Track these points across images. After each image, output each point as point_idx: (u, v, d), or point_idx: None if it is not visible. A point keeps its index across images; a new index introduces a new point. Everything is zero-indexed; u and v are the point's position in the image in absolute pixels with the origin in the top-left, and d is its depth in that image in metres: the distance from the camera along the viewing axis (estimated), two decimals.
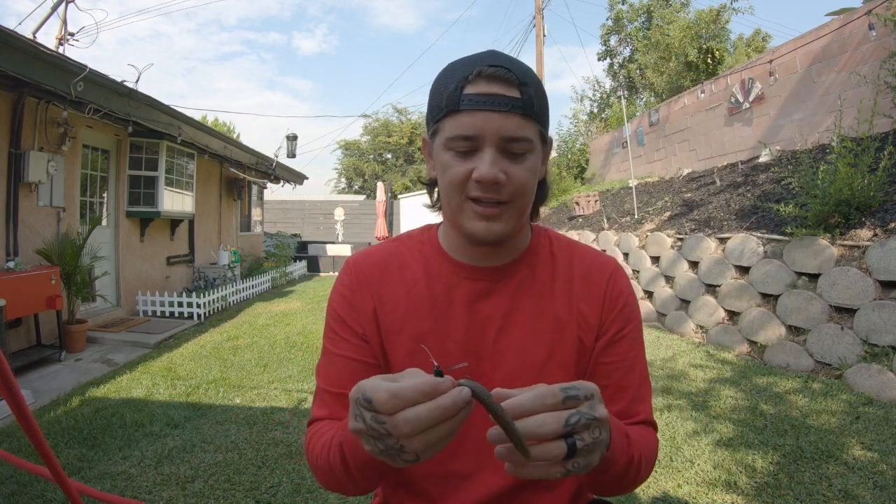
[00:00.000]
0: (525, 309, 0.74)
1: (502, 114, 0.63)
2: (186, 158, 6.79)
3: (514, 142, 0.64)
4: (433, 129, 0.69)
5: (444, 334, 0.73)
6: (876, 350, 2.94)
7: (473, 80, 0.63)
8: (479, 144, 0.64)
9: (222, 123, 22.90)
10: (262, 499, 2.08)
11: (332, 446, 0.65)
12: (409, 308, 0.74)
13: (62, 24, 7.08)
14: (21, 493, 2.11)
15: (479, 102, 0.63)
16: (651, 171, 9.55)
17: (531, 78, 0.66)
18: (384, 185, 14.63)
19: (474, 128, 0.63)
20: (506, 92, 0.63)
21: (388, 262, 0.77)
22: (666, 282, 5.00)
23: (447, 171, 0.67)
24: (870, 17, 4.83)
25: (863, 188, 3.40)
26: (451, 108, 0.64)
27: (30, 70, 3.69)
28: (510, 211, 0.67)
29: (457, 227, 0.71)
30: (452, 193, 0.67)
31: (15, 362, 3.72)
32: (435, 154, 0.70)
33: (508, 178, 0.64)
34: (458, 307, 0.74)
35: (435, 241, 0.79)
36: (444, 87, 0.66)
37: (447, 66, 0.69)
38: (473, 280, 0.75)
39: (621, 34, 16.13)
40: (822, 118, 5.73)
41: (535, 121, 0.66)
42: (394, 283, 0.76)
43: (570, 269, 0.77)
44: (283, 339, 4.96)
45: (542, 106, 0.67)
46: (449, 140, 0.65)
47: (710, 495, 2.03)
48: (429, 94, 0.70)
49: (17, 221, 4.26)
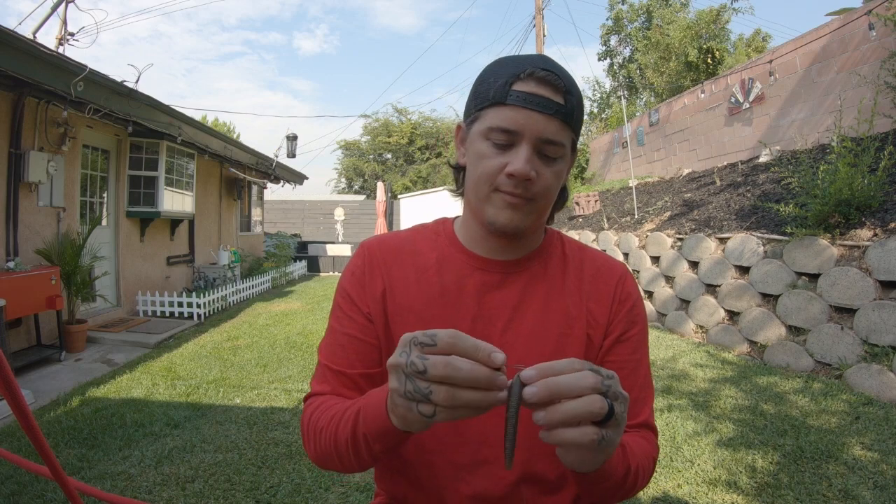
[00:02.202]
0: (534, 303, 0.75)
1: (545, 116, 0.65)
2: (186, 158, 6.79)
3: (550, 144, 0.66)
4: (473, 116, 0.70)
5: (451, 322, 0.73)
6: (876, 350, 2.94)
7: (525, 78, 0.65)
8: (517, 140, 0.66)
9: (222, 123, 22.91)
10: (262, 499, 2.08)
11: (344, 417, 0.65)
12: (418, 292, 0.75)
13: (62, 24, 7.08)
14: (21, 492, 2.11)
15: (525, 100, 0.65)
16: (651, 171, 9.55)
17: (576, 89, 0.69)
18: (384, 185, 14.63)
19: (516, 123, 0.65)
20: (552, 96, 0.65)
21: (402, 248, 0.79)
22: (666, 282, 5.00)
23: (481, 161, 0.68)
24: (870, 17, 4.83)
25: (863, 188, 3.40)
26: (497, 100, 0.66)
27: (30, 70, 3.69)
28: (532, 207, 0.69)
29: (479, 214, 0.72)
30: (482, 183, 0.69)
31: (15, 362, 3.72)
32: (469, 141, 0.71)
33: (538, 178, 0.67)
34: (467, 297, 0.75)
35: (450, 232, 0.80)
36: (494, 79, 0.67)
37: (499, 59, 0.71)
38: (485, 272, 0.76)
39: (621, 34, 16.15)
40: (822, 118, 5.73)
41: (572, 129, 0.69)
42: (406, 268, 0.77)
43: (580, 269, 0.79)
44: (283, 339, 4.96)
45: (580, 116, 0.70)
46: (489, 130, 0.67)
47: (710, 495, 2.03)
48: (475, 82, 0.71)
49: (17, 221, 4.26)
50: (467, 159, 0.73)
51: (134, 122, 5.23)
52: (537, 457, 0.74)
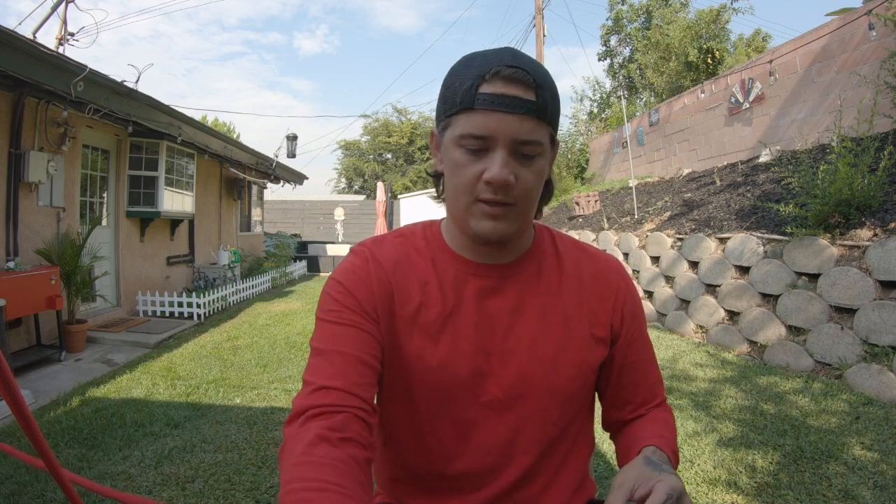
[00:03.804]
0: (533, 306, 0.74)
1: (517, 116, 0.62)
2: (186, 158, 6.79)
3: (526, 144, 0.63)
4: (444, 122, 0.67)
5: (455, 332, 0.72)
6: (876, 350, 2.94)
7: (490, 79, 0.62)
8: (491, 145, 0.63)
9: (222, 123, 22.90)
10: (262, 499, 2.08)
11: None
12: (422, 303, 0.73)
13: (62, 24, 7.08)
14: (21, 492, 2.11)
15: (494, 103, 0.61)
16: (651, 171, 9.55)
17: (547, 80, 0.65)
18: (384, 185, 14.63)
19: (488, 129, 0.62)
20: (522, 94, 0.62)
21: (400, 257, 0.76)
22: (666, 282, 5.00)
23: (457, 171, 0.66)
24: (870, 17, 4.83)
25: (863, 188, 3.40)
26: (465, 105, 0.63)
27: (30, 70, 3.69)
28: (515, 212, 0.67)
29: (463, 226, 0.70)
30: (462, 194, 0.66)
31: (15, 362, 3.72)
32: (444, 149, 0.69)
33: (517, 181, 0.64)
34: (467, 305, 0.73)
35: (439, 238, 0.78)
36: (460, 82, 0.64)
37: (464, 59, 0.67)
38: (481, 277, 0.74)
39: (621, 34, 16.15)
40: (822, 118, 5.73)
41: (548, 124, 0.66)
42: (408, 276, 0.74)
43: (578, 268, 0.78)
44: (283, 339, 4.96)
45: (555, 109, 0.66)
46: (461, 137, 0.64)
47: (710, 495, 2.03)
48: (442, 86, 0.68)
49: (17, 221, 4.26)
50: (444, 167, 0.70)
51: (134, 122, 5.23)
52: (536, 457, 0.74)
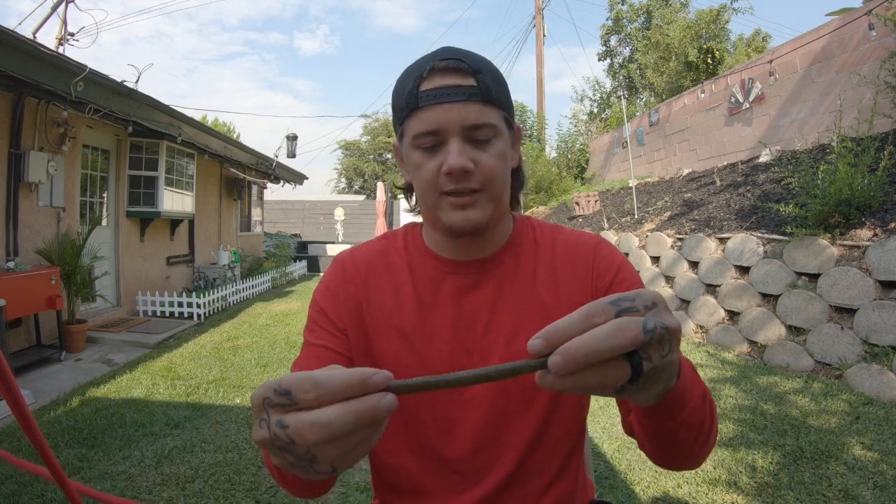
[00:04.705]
0: (511, 299, 0.73)
1: (461, 103, 0.63)
2: (186, 158, 6.79)
3: (477, 129, 0.65)
4: (399, 131, 0.70)
5: (431, 332, 0.72)
6: (876, 350, 2.94)
7: (428, 76, 0.64)
8: (444, 137, 0.65)
9: (222, 123, 22.89)
10: (262, 499, 2.08)
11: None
12: (395, 307, 0.74)
13: (62, 24, 7.08)
14: (21, 492, 2.11)
15: (436, 96, 0.64)
16: (651, 171, 9.54)
17: (486, 66, 0.67)
18: (384, 185, 14.62)
19: (436, 122, 0.64)
20: (461, 82, 0.64)
21: (375, 261, 0.77)
22: (666, 282, 5.00)
23: (419, 172, 0.67)
24: (870, 17, 4.83)
25: (863, 188, 3.40)
26: (411, 106, 0.65)
27: (30, 70, 3.69)
28: (484, 198, 0.67)
29: (435, 222, 0.71)
30: (427, 191, 0.68)
31: (15, 362, 3.72)
32: (405, 156, 0.70)
33: (477, 166, 0.65)
34: (443, 304, 0.73)
35: (419, 239, 0.79)
36: (403, 88, 0.67)
37: (404, 70, 0.70)
38: (458, 274, 0.74)
39: (621, 34, 16.16)
40: (822, 118, 5.73)
41: (497, 106, 0.67)
42: (381, 282, 0.76)
43: (552, 253, 0.76)
44: (283, 339, 4.96)
45: (501, 91, 0.68)
46: (414, 138, 0.66)
47: (710, 495, 2.03)
48: (391, 100, 0.71)
49: (17, 221, 4.26)
50: (410, 174, 0.71)
51: (134, 122, 5.23)
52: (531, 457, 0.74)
